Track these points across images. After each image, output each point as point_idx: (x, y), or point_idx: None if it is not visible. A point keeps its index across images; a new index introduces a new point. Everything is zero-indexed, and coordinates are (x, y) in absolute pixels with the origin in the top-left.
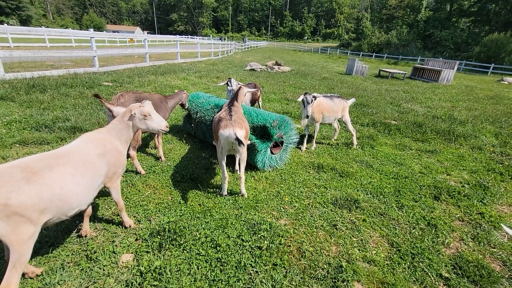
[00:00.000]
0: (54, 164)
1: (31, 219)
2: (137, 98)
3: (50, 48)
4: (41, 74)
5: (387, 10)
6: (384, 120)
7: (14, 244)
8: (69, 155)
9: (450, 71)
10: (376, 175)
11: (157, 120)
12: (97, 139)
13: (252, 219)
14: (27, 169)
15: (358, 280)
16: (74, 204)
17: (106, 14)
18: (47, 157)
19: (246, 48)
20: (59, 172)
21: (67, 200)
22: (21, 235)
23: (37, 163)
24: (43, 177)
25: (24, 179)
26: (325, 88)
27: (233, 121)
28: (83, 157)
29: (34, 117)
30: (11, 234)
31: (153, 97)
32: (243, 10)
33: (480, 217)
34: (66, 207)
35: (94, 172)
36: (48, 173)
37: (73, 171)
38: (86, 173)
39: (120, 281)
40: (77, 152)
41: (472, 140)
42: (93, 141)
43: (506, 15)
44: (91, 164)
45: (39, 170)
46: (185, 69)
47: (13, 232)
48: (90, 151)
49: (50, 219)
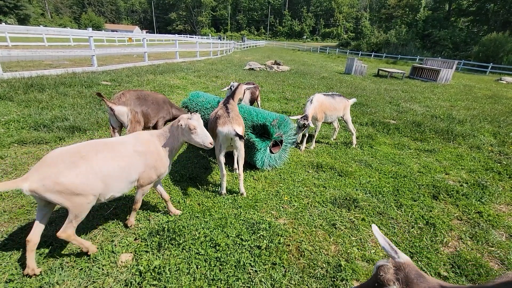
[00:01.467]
0: (99, 150)
1: (81, 193)
2: (139, 96)
3: (49, 47)
4: (39, 74)
5: (386, 9)
6: (383, 120)
7: (70, 208)
8: (114, 144)
9: (448, 71)
10: (375, 174)
11: (202, 135)
12: (144, 139)
13: (251, 219)
14: (77, 153)
15: (357, 279)
16: (110, 187)
17: (104, 13)
18: (95, 143)
19: (245, 48)
20: (102, 156)
21: (106, 181)
22: (75, 203)
23: (85, 148)
24: (89, 161)
25: (73, 162)
26: (324, 88)
27: (231, 118)
28: (124, 149)
29: (32, 116)
30: (66, 202)
31: (156, 96)
32: (242, 9)
33: (479, 216)
34: (106, 189)
35: (130, 165)
36: (94, 156)
37: (113, 157)
38: (123, 163)
39: (120, 281)
40: (121, 144)
41: (470, 140)
42: (140, 139)
43: (504, 15)
44: (130, 157)
45: (87, 154)
46: (184, 69)
47: (68, 201)
48: (133, 146)
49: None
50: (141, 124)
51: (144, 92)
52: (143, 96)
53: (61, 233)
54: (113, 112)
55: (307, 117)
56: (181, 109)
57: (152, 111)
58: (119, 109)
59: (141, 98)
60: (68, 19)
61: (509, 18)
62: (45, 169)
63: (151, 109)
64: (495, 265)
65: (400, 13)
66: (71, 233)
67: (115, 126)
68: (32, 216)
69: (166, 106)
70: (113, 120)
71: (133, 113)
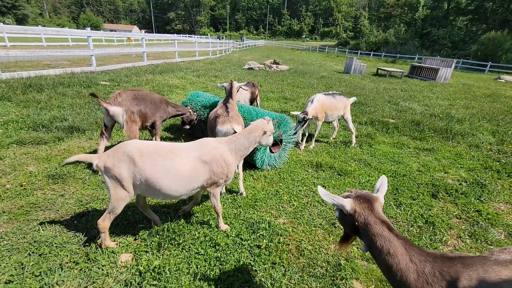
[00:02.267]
0: (160, 155)
1: (125, 187)
2: (136, 96)
3: (47, 47)
4: (38, 74)
5: (385, 8)
6: (382, 119)
7: (111, 199)
8: (176, 152)
9: (447, 70)
10: (374, 173)
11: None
12: (209, 146)
13: (251, 218)
14: (139, 151)
15: (356, 278)
16: (159, 191)
17: (103, 13)
18: (160, 147)
19: (244, 47)
20: (158, 162)
21: (152, 186)
22: (116, 195)
23: (148, 149)
24: (144, 161)
25: (130, 158)
26: (323, 87)
27: (230, 117)
28: (186, 158)
29: (31, 117)
30: (112, 190)
31: (153, 96)
32: (241, 9)
33: (478, 214)
34: (152, 191)
35: (190, 174)
36: (150, 160)
37: (169, 166)
38: (181, 173)
39: (119, 281)
40: (184, 152)
41: (469, 138)
42: (205, 147)
43: (503, 13)
44: (189, 166)
45: (146, 155)
46: (183, 68)
47: (113, 190)
48: (196, 156)
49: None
50: (138, 124)
51: (141, 92)
52: (140, 96)
53: (100, 221)
54: (108, 112)
55: (307, 112)
56: (177, 105)
57: (150, 111)
58: (114, 110)
59: (138, 98)
60: (66, 19)
61: (507, 16)
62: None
63: (148, 109)
64: None
65: (399, 12)
66: (107, 225)
67: (108, 125)
68: (32, 217)
69: (163, 105)
70: (107, 119)
71: (128, 113)
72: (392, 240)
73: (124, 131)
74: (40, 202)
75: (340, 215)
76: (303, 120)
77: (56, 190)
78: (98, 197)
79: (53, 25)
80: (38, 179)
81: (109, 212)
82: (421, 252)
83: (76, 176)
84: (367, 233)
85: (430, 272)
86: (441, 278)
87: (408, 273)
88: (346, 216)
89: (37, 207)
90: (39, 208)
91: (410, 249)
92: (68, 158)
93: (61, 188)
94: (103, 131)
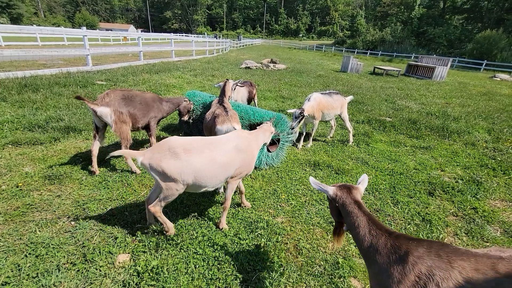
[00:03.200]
0: (204, 149)
1: (175, 180)
2: (125, 97)
3: (42, 47)
4: (33, 73)
5: (381, 7)
6: (379, 117)
7: (163, 189)
8: (217, 144)
9: (443, 68)
10: (371, 171)
11: None
12: (245, 137)
13: (249, 217)
14: (183, 146)
15: (354, 276)
16: (203, 184)
17: (99, 12)
18: (203, 142)
19: (241, 46)
20: (204, 155)
21: (199, 178)
22: (168, 187)
23: (193, 144)
24: (189, 156)
25: (176, 153)
26: (320, 86)
27: (230, 116)
28: (227, 149)
29: (26, 117)
30: (162, 183)
31: (145, 96)
32: (237, 8)
33: (474, 212)
34: (198, 184)
35: (229, 163)
36: (196, 154)
37: (213, 157)
38: (223, 163)
39: (117, 282)
40: (224, 144)
41: (465, 136)
42: (242, 138)
43: (498, 12)
44: (230, 157)
45: (191, 149)
46: (180, 68)
47: (163, 183)
48: (234, 145)
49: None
50: (128, 125)
51: (131, 92)
52: (129, 97)
53: (151, 206)
54: (95, 113)
55: (304, 109)
56: (171, 99)
57: (140, 112)
58: (101, 110)
59: (127, 99)
60: (61, 18)
61: (502, 15)
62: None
63: (138, 110)
64: None
65: (395, 11)
66: (158, 210)
67: (99, 126)
68: (28, 218)
69: (156, 104)
70: (97, 120)
71: (117, 113)
72: (359, 215)
73: (113, 131)
74: (37, 203)
75: (330, 205)
76: (300, 116)
77: (53, 191)
78: (95, 197)
79: (48, 24)
80: (34, 180)
81: (160, 200)
82: (380, 227)
83: (73, 176)
84: (344, 211)
85: (382, 243)
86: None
87: (364, 241)
88: (331, 202)
89: (34, 208)
90: (35, 209)
91: (372, 223)
92: (113, 152)
93: (57, 189)
94: (95, 133)
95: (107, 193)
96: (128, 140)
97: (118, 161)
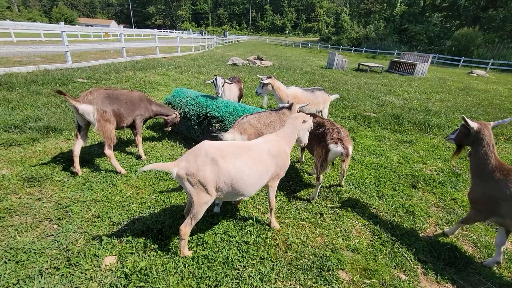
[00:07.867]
0: (240, 154)
1: (209, 190)
2: (109, 95)
3: (17, 43)
4: (7, 71)
5: (365, 4)
6: (364, 113)
7: (194, 204)
8: (251, 149)
9: (424, 64)
10: (357, 166)
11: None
12: (274, 142)
13: (238, 215)
14: (220, 152)
15: (342, 269)
16: (240, 191)
17: (77, 6)
18: (237, 147)
19: (227, 43)
20: (240, 161)
21: (236, 186)
22: (199, 199)
23: (229, 149)
24: (227, 162)
25: (213, 160)
26: (307, 82)
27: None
28: (260, 155)
29: (2, 117)
30: (194, 196)
31: (131, 94)
32: (223, 4)
33: (454, 202)
34: (234, 192)
35: (264, 169)
36: (233, 160)
37: (250, 164)
38: (258, 169)
39: (104, 285)
40: (257, 150)
41: (445, 130)
42: (271, 143)
43: (474, 10)
44: (264, 163)
45: (228, 155)
46: (165, 64)
47: (196, 195)
48: (267, 152)
49: (221, 196)
50: (112, 124)
51: (116, 91)
52: (114, 95)
53: (183, 227)
54: (77, 110)
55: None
56: (162, 105)
57: (125, 110)
58: (83, 108)
59: (111, 97)
60: (38, 13)
61: (479, 13)
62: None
63: (123, 108)
64: (469, 248)
65: (378, 8)
66: (188, 230)
67: (82, 125)
68: (6, 223)
69: (144, 103)
70: (79, 118)
71: (100, 112)
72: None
73: (96, 130)
74: (15, 207)
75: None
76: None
77: (33, 194)
78: (79, 199)
79: (23, 19)
80: (12, 183)
81: (191, 218)
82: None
83: (54, 178)
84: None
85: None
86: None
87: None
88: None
89: (12, 212)
90: (14, 214)
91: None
92: (143, 167)
93: (38, 192)
94: (78, 132)
95: (91, 195)
96: (112, 139)
97: (102, 161)
